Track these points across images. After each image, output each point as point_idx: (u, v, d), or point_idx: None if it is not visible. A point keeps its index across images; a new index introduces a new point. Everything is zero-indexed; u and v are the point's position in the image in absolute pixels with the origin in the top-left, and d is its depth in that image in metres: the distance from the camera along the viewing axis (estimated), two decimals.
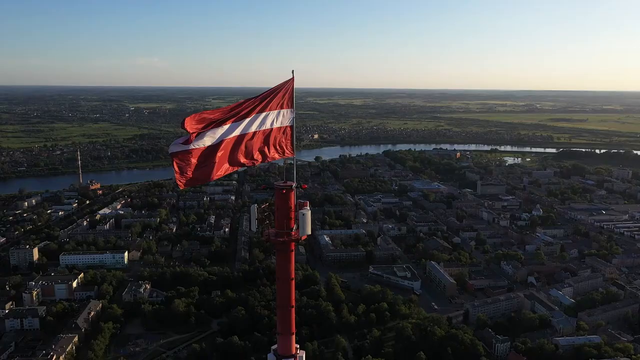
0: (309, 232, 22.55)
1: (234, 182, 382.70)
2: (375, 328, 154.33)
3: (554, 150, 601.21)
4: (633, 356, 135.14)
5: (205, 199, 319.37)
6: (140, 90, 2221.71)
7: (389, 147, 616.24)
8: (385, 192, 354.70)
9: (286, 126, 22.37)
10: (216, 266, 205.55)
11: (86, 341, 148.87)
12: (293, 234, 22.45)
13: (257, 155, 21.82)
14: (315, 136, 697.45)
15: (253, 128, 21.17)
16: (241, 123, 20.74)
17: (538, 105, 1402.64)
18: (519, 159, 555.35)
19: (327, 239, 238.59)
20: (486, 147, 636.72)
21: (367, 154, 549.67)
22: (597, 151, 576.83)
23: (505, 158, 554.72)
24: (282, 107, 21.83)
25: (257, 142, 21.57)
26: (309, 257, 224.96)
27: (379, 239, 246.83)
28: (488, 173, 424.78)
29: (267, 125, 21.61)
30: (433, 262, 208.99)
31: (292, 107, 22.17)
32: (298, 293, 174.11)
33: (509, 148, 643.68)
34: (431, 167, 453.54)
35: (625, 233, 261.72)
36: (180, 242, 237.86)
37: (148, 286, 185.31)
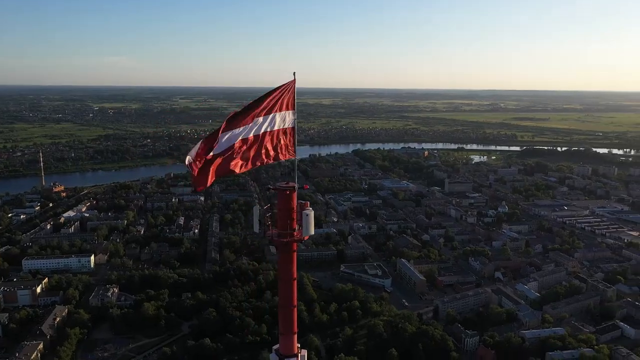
0: (312, 233, 22.88)
1: None
2: (348, 326, 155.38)
3: (518, 149, 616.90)
4: (595, 346, 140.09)
5: (173, 200, 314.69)
6: (105, 89, 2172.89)
7: (358, 146, 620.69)
8: (355, 191, 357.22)
9: (289, 127, 22.59)
10: (186, 268, 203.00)
11: (52, 348, 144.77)
12: (295, 234, 22.68)
13: (264, 157, 22.01)
14: None
15: (260, 130, 21.37)
16: (249, 126, 20.94)
17: (502, 105, 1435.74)
18: (485, 157, 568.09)
19: None
20: (453, 146, 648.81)
21: (336, 153, 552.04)
22: (559, 149, 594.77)
23: (472, 156, 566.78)
24: (284, 109, 22.04)
25: (264, 144, 21.78)
26: None
27: (349, 237, 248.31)
28: (455, 171, 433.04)
29: (272, 127, 21.82)
30: (403, 260, 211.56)
31: (293, 108, 22.39)
32: (270, 294, 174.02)
33: (474, 146, 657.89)
34: (400, 166, 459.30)
35: (586, 228, 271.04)
36: (149, 244, 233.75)
37: (116, 290, 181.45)
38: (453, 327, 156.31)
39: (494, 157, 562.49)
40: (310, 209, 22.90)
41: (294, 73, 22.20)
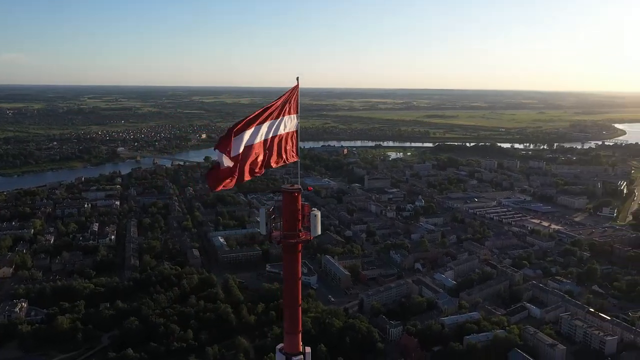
0: (320, 233, 23.31)
1: (117, 186, 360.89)
2: (276, 326, 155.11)
3: (431, 145, 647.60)
4: (507, 327, 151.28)
5: (86, 205, 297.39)
6: (1, 88, 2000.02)
7: None
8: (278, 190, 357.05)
9: (293, 131, 22.83)
10: (103, 277, 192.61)
11: None
12: (301, 235, 23.01)
13: (271, 161, 21.98)
14: (203, 136, 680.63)
15: (270, 134, 21.36)
16: (261, 129, 20.87)
17: (415, 103, 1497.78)
18: (401, 153, 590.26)
19: (221, 240, 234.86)
20: (371, 143, 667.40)
21: None
22: (468, 144, 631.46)
23: (389, 153, 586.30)
24: (289, 113, 22.23)
25: (272, 148, 21.79)
26: (204, 259, 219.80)
27: None
28: (374, 168, 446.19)
29: (280, 131, 21.91)
30: (328, 256, 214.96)
31: (297, 112, 22.65)
32: (195, 298, 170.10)
33: (391, 143, 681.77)
34: (320, 164, 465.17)
35: (494, 218, 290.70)
36: (60, 253, 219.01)
37: (24, 304, 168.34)
38: (378, 319, 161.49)
39: (409, 154, 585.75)
40: (317, 209, 23.63)
41: (297, 78, 22.55)
